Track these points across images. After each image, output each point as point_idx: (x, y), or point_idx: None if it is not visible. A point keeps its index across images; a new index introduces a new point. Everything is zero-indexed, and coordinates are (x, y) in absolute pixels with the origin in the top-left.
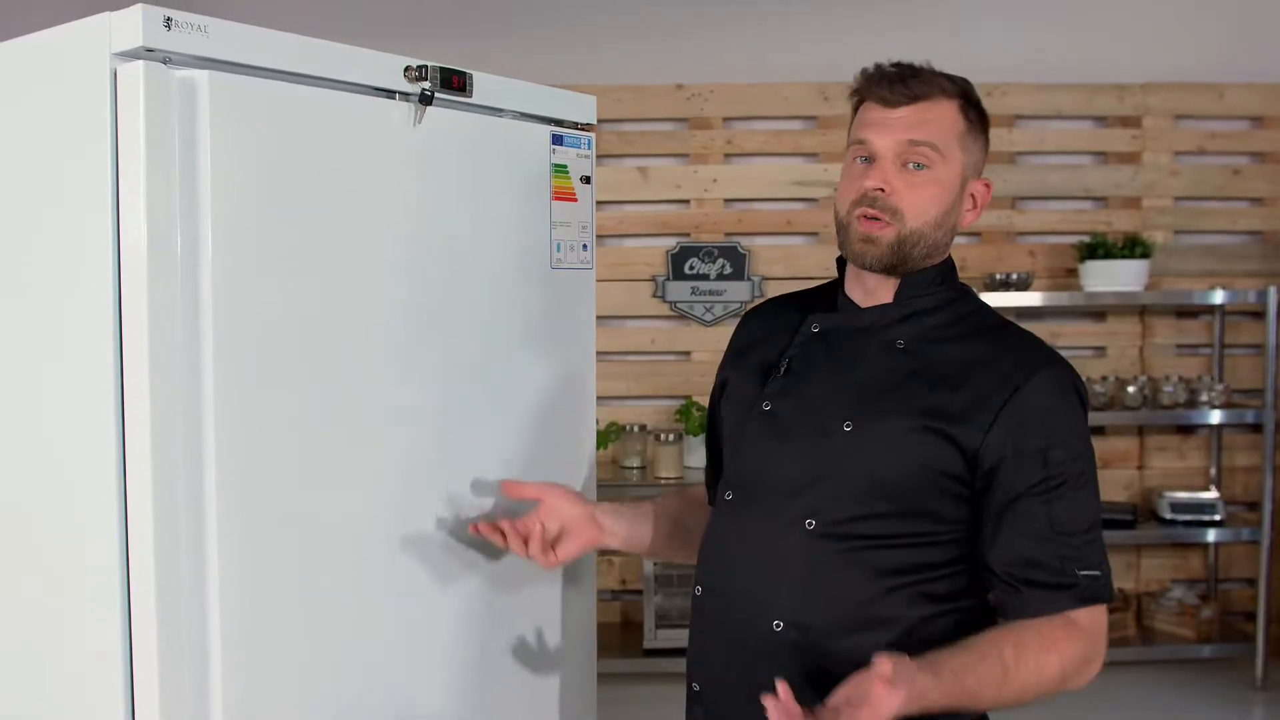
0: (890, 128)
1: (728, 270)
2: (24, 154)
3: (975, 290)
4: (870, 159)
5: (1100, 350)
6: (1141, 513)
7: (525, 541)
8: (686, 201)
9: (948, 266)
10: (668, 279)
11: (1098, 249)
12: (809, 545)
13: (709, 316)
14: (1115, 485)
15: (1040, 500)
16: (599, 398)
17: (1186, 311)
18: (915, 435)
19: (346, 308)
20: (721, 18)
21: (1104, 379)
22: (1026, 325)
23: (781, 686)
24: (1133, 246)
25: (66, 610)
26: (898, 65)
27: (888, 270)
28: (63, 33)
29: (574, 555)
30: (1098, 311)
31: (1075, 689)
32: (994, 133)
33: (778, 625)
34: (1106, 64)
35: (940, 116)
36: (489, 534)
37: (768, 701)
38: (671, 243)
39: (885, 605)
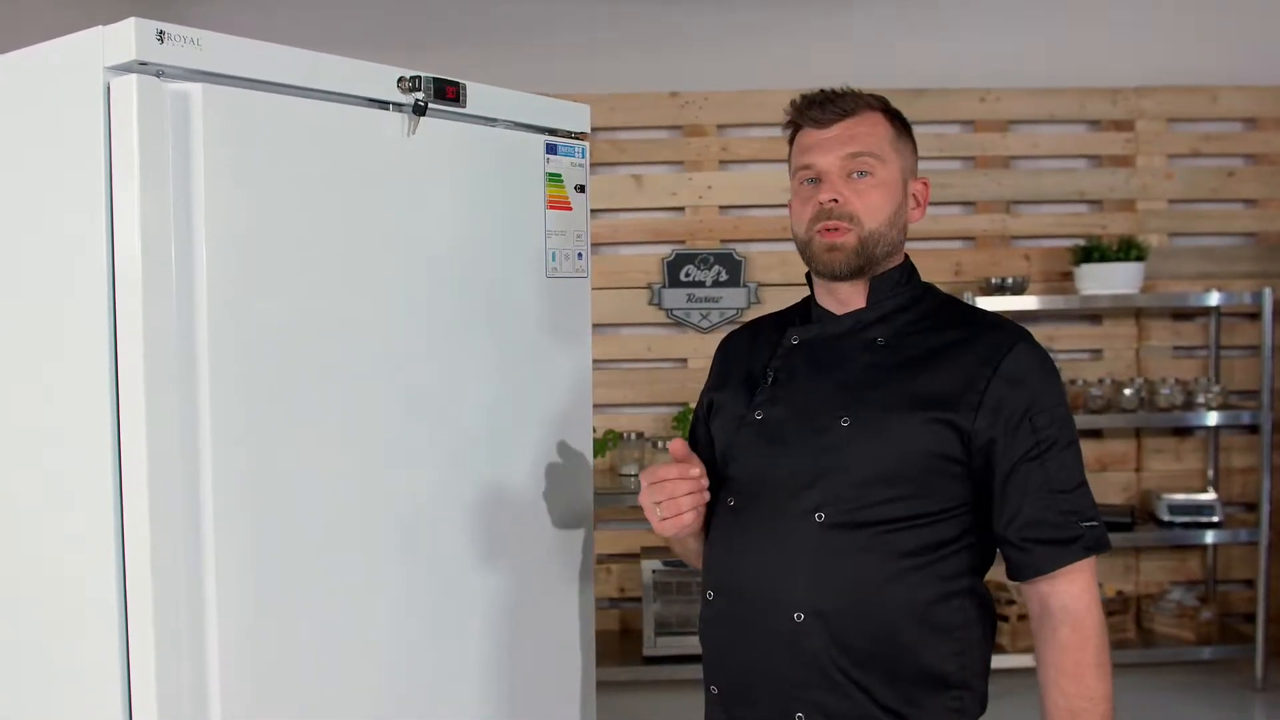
0: (828, 146)
1: (723, 277)
2: (20, 167)
3: (968, 293)
4: (817, 179)
5: (1097, 353)
6: (1140, 515)
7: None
8: (682, 209)
9: (909, 267)
10: (664, 286)
11: (1092, 252)
12: (819, 537)
13: (705, 323)
14: (1113, 488)
15: (1036, 464)
16: (596, 405)
17: (1182, 314)
18: (911, 423)
19: (341, 317)
20: (715, 26)
21: (1100, 381)
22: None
23: None
24: (1127, 249)
25: (64, 615)
26: (822, 91)
27: (855, 273)
28: (57, 47)
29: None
30: (1093, 315)
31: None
32: (989, 137)
33: (798, 617)
34: (1099, 68)
35: (871, 126)
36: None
37: None
38: (667, 250)
39: (899, 587)
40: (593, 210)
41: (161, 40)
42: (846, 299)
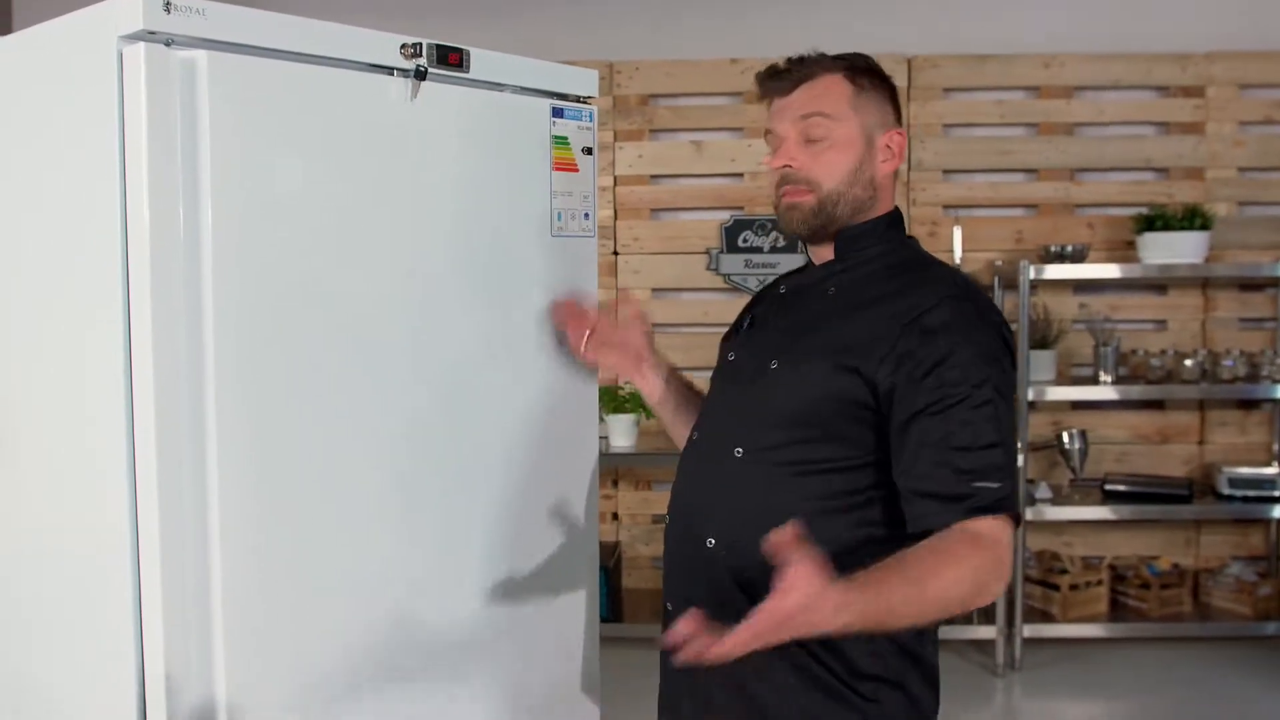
0: (786, 113)
1: (781, 243)
2: (41, 136)
3: (1024, 260)
4: (780, 145)
5: (1161, 323)
6: (1200, 488)
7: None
8: (740, 175)
9: (891, 219)
10: (722, 252)
11: (1155, 221)
12: (739, 471)
13: (762, 289)
14: (1174, 460)
15: (938, 419)
16: None
17: (1250, 284)
18: (826, 369)
19: (345, 278)
20: None
21: (1162, 353)
22: (1083, 297)
23: (691, 618)
24: (1191, 218)
25: (78, 592)
26: (788, 60)
27: (816, 232)
28: (73, 19)
29: (605, 364)
30: (1158, 285)
31: (982, 604)
32: (1053, 104)
33: (710, 543)
34: (1168, 32)
35: (826, 89)
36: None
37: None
38: (725, 216)
39: (816, 527)
40: (652, 176)
41: (168, 10)
42: (821, 253)
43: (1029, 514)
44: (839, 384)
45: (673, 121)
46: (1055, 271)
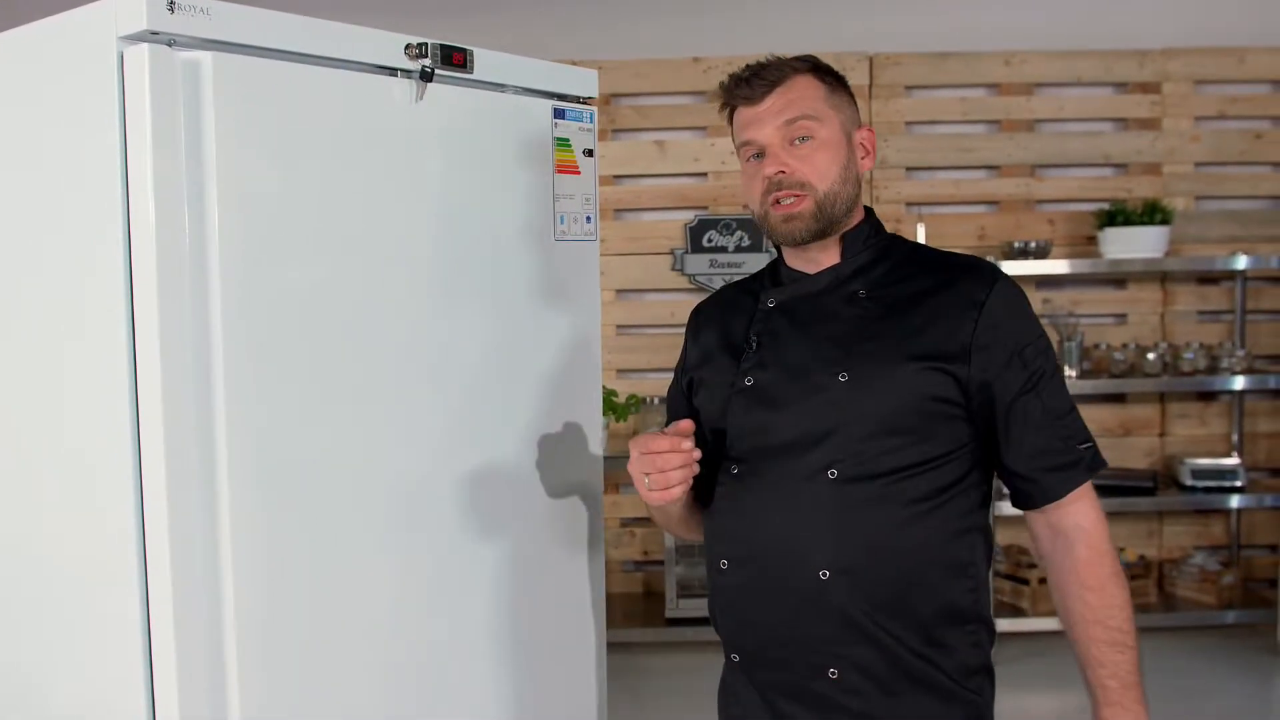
0: (764, 119)
1: (746, 243)
2: (38, 136)
3: (990, 257)
4: (761, 153)
5: (1121, 318)
6: (1162, 480)
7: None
8: (704, 174)
9: (874, 221)
10: (686, 252)
11: (1117, 216)
12: (835, 493)
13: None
14: (1136, 452)
15: (1032, 396)
16: (619, 370)
17: (1208, 278)
18: (907, 372)
19: (352, 282)
20: None
21: (1124, 346)
22: (1046, 293)
23: None
24: (1152, 213)
25: (85, 597)
26: (748, 66)
27: (817, 236)
28: (71, 17)
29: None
30: (1118, 279)
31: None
32: (1014, 100)
33: (824, 574)
34: (1126, 29)
35: (802, 90)
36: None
37: None
38: (690, 216)
39: (915, 532)
40: (615, 176)
41: (171, 10)
42: (817, 258)
43: (996, 509)
44: (928, 383)
45: (635, 121)
46: (1019, 267)
